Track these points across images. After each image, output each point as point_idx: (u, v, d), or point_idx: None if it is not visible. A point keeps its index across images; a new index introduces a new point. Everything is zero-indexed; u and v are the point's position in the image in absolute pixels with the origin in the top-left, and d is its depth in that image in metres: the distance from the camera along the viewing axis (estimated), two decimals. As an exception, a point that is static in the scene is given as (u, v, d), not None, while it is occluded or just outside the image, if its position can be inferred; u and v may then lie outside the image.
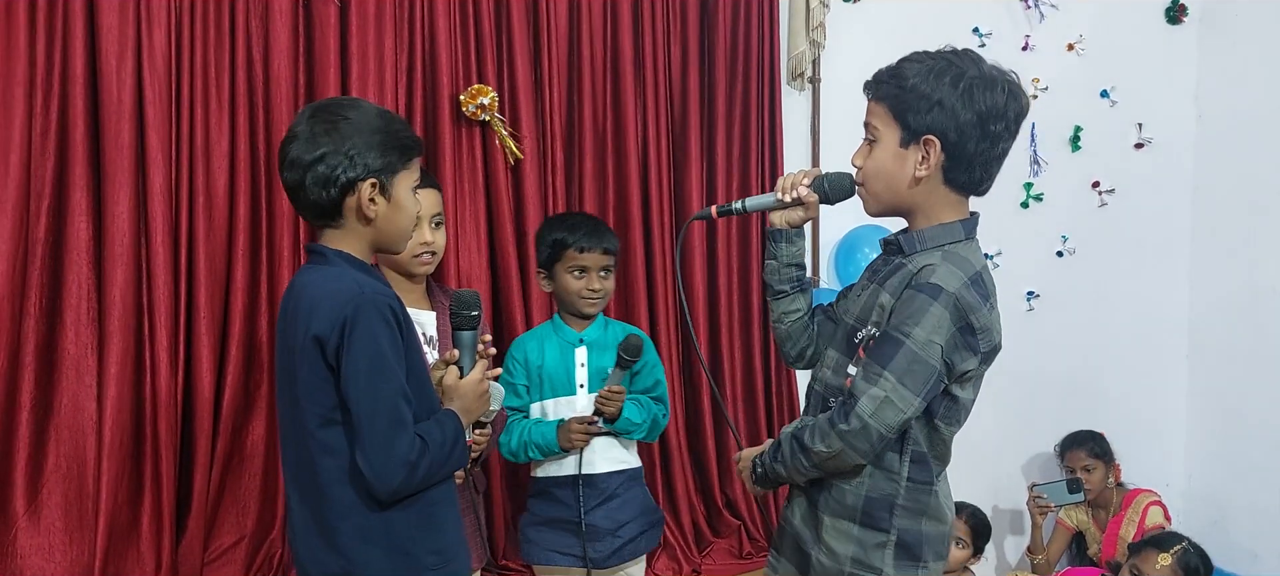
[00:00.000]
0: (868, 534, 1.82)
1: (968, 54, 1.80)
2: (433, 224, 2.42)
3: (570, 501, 2.56)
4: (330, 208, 1.79)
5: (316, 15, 2.99)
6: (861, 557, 1.82)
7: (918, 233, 1.84)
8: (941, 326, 1.72)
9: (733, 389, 3.44)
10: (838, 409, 1.78)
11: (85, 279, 2.85)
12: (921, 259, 1.80)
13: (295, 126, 1.81)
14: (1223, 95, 3.82)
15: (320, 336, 1.71)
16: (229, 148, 2.95)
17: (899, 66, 1.81)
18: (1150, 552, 3.02)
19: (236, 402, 2.98)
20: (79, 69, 2.80)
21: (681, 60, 3.35)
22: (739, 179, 3.41)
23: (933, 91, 1.75)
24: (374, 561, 1.77)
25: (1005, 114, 1.77)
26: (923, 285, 1.74)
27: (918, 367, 1.72)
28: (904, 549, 1.82)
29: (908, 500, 1.82)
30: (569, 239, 2.57)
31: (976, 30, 3.65)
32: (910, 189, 1.82)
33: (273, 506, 3.00)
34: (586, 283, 2.58)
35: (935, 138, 1.76)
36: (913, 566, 1.83)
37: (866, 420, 1.73)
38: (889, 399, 1.72)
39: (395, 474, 1.71)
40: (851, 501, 1.84)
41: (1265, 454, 3.67)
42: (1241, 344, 3.77)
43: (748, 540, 3.41)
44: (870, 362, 1.76)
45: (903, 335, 1.73)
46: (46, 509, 2.83)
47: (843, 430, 1.74)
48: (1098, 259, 3.86)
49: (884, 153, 1.82)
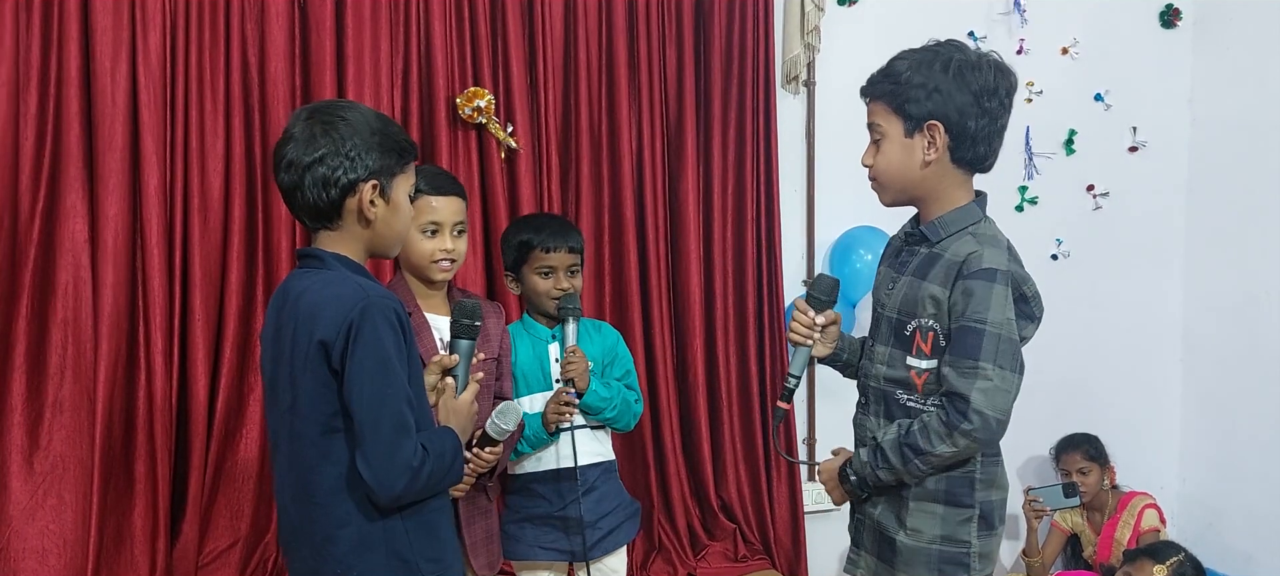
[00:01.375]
0: (953, 511, 1.93)
1: (952, 42, 1.91)
2: (454, 231, 2.40)
3: (551, 496, 2.56)
4: (329, 209, 1.77)
5: (312, 17, 2.99)
6: (950, 534, 1.93)
7: (939, 220, 1.93)
8: (1007, 303, 1.83)
9: (728, 393, 3.44)
10: (950, 410, 1.83)
11: (81, 281, 2.84)
12: (952, 245, 1.89)
13: (290, 128, 1.79)
14: (1216, 99, 3.84)
15: (325, 341, 1.69)
16: (224, 149, 2.95)
17: (890, 64, 1.91)
18: (1145, 562, 3.01)
19: (231, 405, 2.98)
20: (73, 70, 2.80)
21: (677, 63, 3.36)
22: (734, 182, 3.41)
23: (927, 79, 1.85)
24: (374, 569, 1.76)
25: (997, 90, 1.87)
26: (977, 272, 1.83)
27: (1006, 347, 1.81)
28: (984, 519, 1.94)
29: (984, 475, 1.93)
30: (535, 239, 2.57)
31: (972, 34, 3.65)
32: (922, 174, 1.91)
33: (267, 509, 3.00)
34: (554, 282, 2.58)
35: (938, 122, 1.86)
36: (990, 534, 1.96)
37: (986, 413, 1.80)
38: (996, 386, 1.80)
39: (398, 479, 1.69)
40: (933, 483, 1.92)
41: (1259, 457, 3.68)
42: (1235, 347, 3.78)
43: (743, 543, 3.41)
44: (960, 359, 1.82)
45: (981, 323, 1.81)
46: (41, 511, 2.83)
47: (967, 429, 1.81)
48: (1092, 262, 3.87)
49: (892, 146, 1.91)
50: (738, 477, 3.45)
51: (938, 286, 1.87)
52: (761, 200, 3.43)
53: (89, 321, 2.85)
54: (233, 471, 3.00)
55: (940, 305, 1.87)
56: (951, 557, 1.92)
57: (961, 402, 1.80)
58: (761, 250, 3.44)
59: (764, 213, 3.44)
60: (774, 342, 3.45)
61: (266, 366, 1.85)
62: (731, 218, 3.42)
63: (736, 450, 3.46)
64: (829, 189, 3.57)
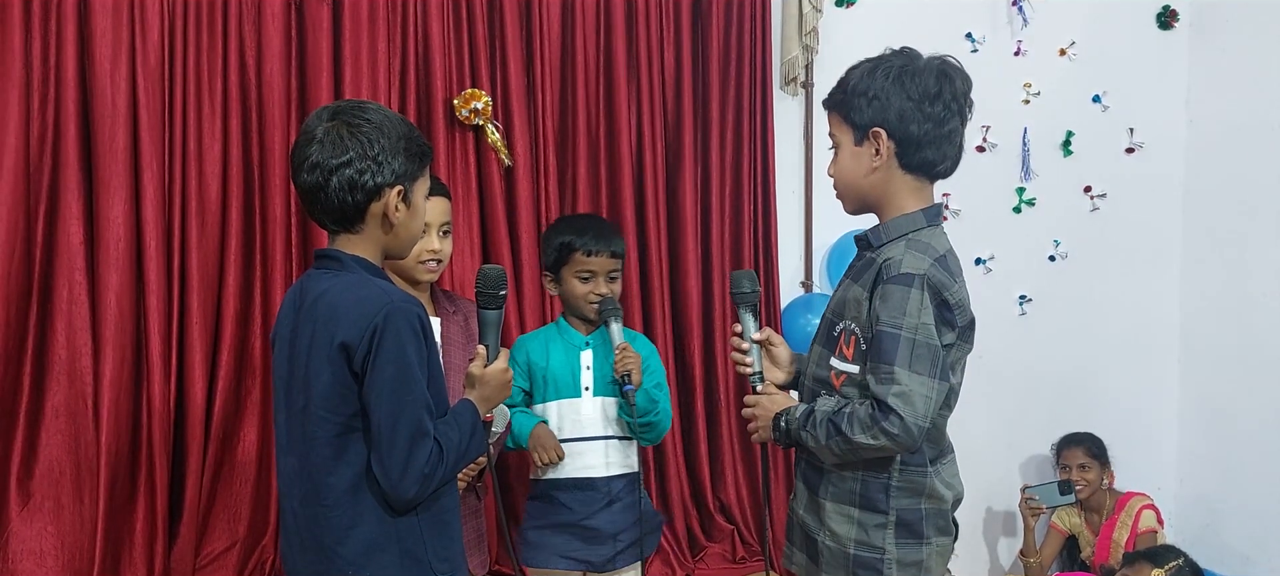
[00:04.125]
0: (868, 515, 1.91)
1: (904, 50, 1.93)
2: (440, 232, 2.41)
3: (574, 504, 2.55)
4: (353, 212, 1.76)
5: (309, 19, 2.99)
6: (864, 538, 1.91)
7: (883, 226, 1.95)
8: (924, 307, 1.81)
9: (726, 395, 3.44)
10: (876, 409, 1.81)
11: (77, 284, 2.84)
12: (887, 251, 1.90)
13: (312, 129, 1.76)
14: (1213, 100, 3.84)
15: (348, 343, 1.69)
16: (221, 152, 2.95)
17: (845, 76, 1.95)
18: (1144, 565, 3.01)
19: (228, 408, 2.97)
20: (71, 72, 2.80)
21: (675, 65, 3.36)
22: (732, 184, 3.42)
23: (869, 87, 1.88)
24: (385, 569, 1.76)
25: (940, 94, 1.88)
26: (894, 276, 1.83)
27: (921, 351, 1.79)
28: (905, 527, 1.91)
29: (902, 482, 1.90)
30: (576, 242, 2.54)
31: (969, 35, 3.66)
32: (869, 180, 1.93)
33: (265, 511, 3.00)
34: (593, 287, 2.56)
35: (881, 128, 1.88)
36: (916, 543, 1.92)
37: (904, 417, 1.78)
38: (911, 391, 1.78)
39: (412, 485, 1.70)
40: (850, 486, 1.92)
41: (1257, 457, 3.69)
42: (1232, 347, 3.78)
43: (741, 545, 3.41)
44: (877, 364, 1.82)
45: (895, 328, 1.80)
46: (40, 514, 2.82)
47: (888, 430, 1.79)
48: (1089, 263, 3.88)
49: (845, 155, 1.96)
50: (736, 480, 3.45)
51: (861, 288, 1.90)
52: (759, 202, 3.43)
53: (86, 324, 2.85)
54: (231, 473, 3.00)
55: (861, 308, 1.88)
56: (865, 563, 1.91)
57: (882, 407, 1.80)
58: (759, 252, 3.45)
59: (761, 215, 3.44)
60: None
61: (281, 367, 1.84)
62: (729, 219, 3.43)
63: (734, 452, 3.46)
64: (827, 191, 3.53)
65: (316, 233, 2.92)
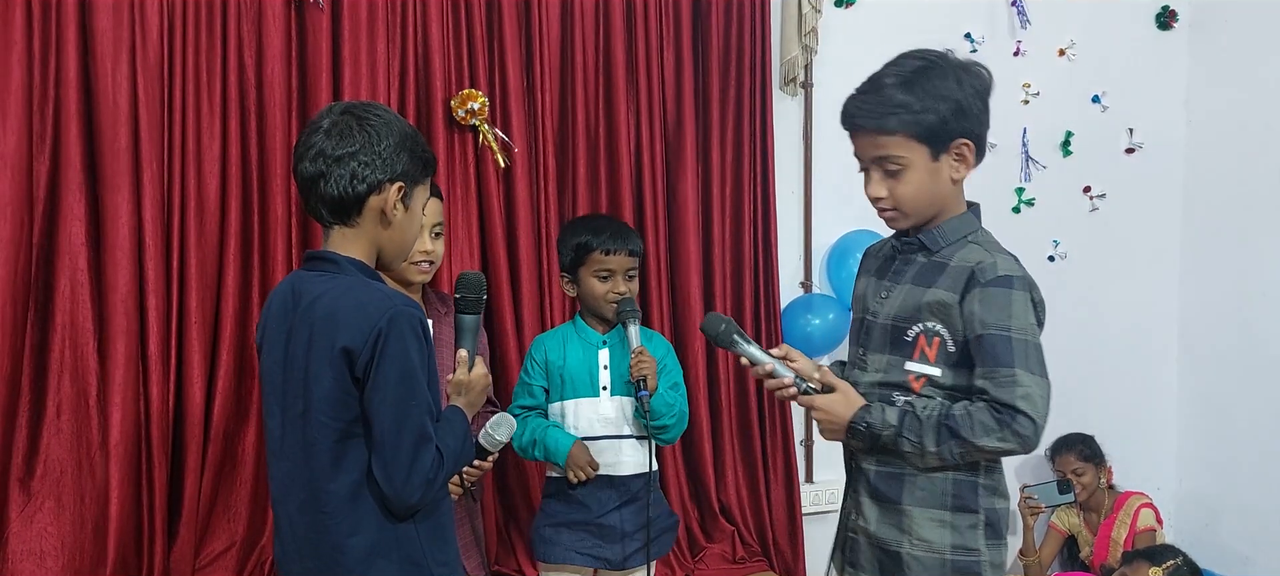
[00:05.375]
0: (961, 517, 1.89)
1: (930, 51, 1.87)
2: (433, 233, 2.41)
3: (590, 502, 2.55)
4: (352, 204, 1.75)
5: (309, 20, 2.99)
6: (960, 542, 1.89)
7: (938, 229, 1.90)
8: (1027, 307, 1.83)
9: (726, 396, 3.44)
10: (1001, 412, 1.79)
11: (80, 284, 2.84)
12: (956, 252, 1.87)
13: (320, 120, 1.77)
14: (1213, 100, 3.85)
15: (351, 348, 1.67)
16: (221, 152, 2.95)
17: (881, 90, 1.84)
18: (1142, 564, 3.02)
19: (227, 408, 2.97)
20: (72, 72, 2.79)
21: (675, 65, 3.35)
22: (732, 184, 3.42)
23: (940, 102, 1.81)
24: (387, 574, 1.75)
25: (990, 86, 1.88)
26: (993, 280, 1.82)
27: (1032, 350, 1.81)
28: (990, 527, 1.91)
29: (987, 480, 1.91)
30: (593, 242, 2.55)
31: (968, 35, 3.66)
32: (947, 192, 1.89)
33: (263, 512, 3.00)
34: (612, 286, 2.56)
35: (965, 139, 1.85)
36: (999, 543, 1.93)
37: (1033, 418, 1.78)
38: (1033, 392, 1.78)
39: (417, 490, 1.70)
40: (940, 488, 1.89)
41: (1256, 456, 3.69)
42: (1232, 347, 3.79)
43: (741, 545, 3.41)
44: (994, 368, 1.80)
45: (1005, 331, 1.80)
46: (39, 514, 2.82)
47: (1019, 431, 1.78)
48: (1089, 263, 3.88)
49: (918, 174, 1.85)
50: (736, 480, 3.45)
51: (945, 292, 1.85)
52: (759, 202, 3.43)
53: (88, 324, 2.84)
54: (230, 474, 3.00)
55: (950, 311, 1.84)
56: (964, 567, 1.87)
57: (1009, 409, 1.78)
58: (758, 252, 3.45)
59: (761, 215, 3.44)
60: (771, 345, 3.45)
61: (272, 371, 1.80)
62: (729, 220, 3.42)
63: (735, 452, 3.46)
64: (826, 191, 3.57)
65: (316, 232, 2.92)
